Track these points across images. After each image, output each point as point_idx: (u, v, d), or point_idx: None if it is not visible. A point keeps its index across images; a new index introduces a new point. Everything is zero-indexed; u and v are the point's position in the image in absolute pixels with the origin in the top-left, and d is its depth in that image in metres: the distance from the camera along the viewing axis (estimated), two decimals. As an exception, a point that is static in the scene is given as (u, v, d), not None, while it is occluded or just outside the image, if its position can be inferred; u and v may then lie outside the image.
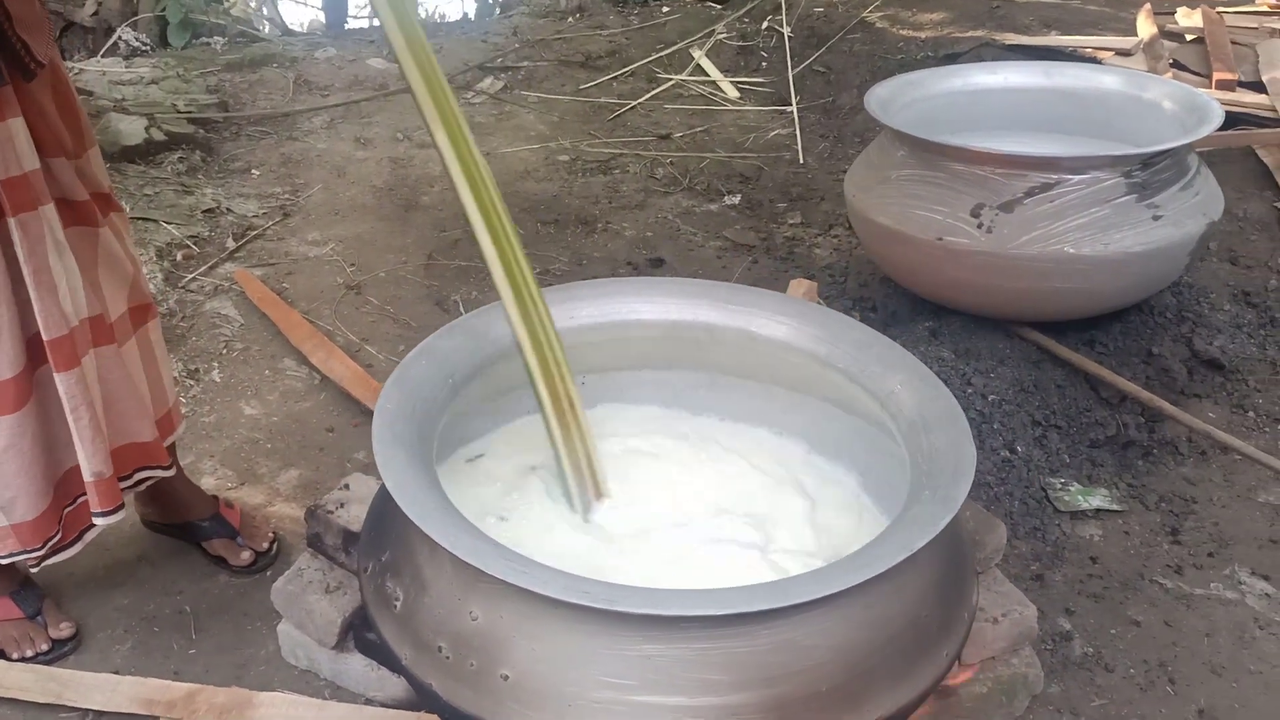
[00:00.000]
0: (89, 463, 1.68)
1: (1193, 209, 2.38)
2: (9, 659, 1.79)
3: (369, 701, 1.72)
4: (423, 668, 1.25)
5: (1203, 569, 2.10)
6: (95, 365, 1.68)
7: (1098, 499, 2.26)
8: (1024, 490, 2.23)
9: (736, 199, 3.61)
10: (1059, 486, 2.27)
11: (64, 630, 1.83)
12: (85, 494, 1.73)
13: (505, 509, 1.56)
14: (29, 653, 1.80)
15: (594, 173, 3.78)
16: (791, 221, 3.45)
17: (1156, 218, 2.33)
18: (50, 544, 1.73)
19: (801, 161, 3.85)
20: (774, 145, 3.99)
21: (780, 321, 1.65)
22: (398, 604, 1.29)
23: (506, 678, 1.18)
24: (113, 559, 2.03)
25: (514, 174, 3.74)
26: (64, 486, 1.75)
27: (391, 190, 3.60)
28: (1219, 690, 1.84)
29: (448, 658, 1.22)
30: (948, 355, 2.45)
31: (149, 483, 1.86)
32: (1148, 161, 2.33)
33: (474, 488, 1.60)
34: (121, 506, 1.76)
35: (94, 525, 1.76)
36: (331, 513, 1.75)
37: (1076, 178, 2.31)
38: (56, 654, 1.80)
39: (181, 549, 2.05)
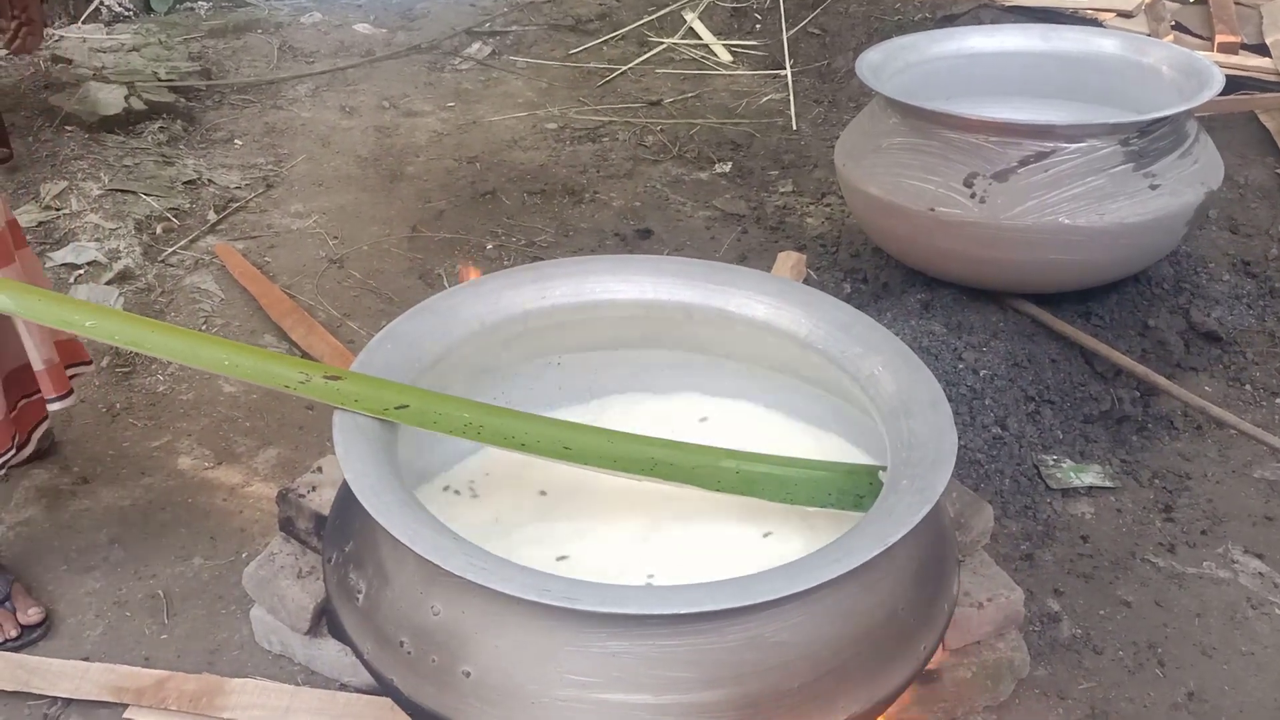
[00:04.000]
0: (38, 352, 1.82)
1: (1191, 177, 2.32)
2: None
3: (343, 687, 1.70)
4: (384, 662, 1.21)
5: (1195, 547, 2.07)
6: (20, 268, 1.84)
7: (1090, 476, 2.21)
8: (1015, 468, 2.19)
9: (727, 167, 3.54)
10: (1051, 463, 2.23)
11: (33, 616, 1.80)
12: (32, 393, 1.89)
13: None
14: (13, 635, 1.77)
15: (582, 141, 3.71)
16: (783, 190, 3.38)
17: (1154, 187, 2.27)
18: (7, 456, 1.82)
19: (795, 127, 3.78)
20: (767, 111, 3.92)
21: (760, 301, 1.59)
22: (360, 597, 1.25)
23: (469, 674, 1.14)
24: (85, 542, 2.00)
25: (501, 143, 3.67)
26: (12, 390, 1.86)
27: (376, 160, 3.54)
28: (1209, 672, 1.81)
29: (409, 653, 1.19)
30: (939, 329, 2.41)
31: (80, 377, 2.03)
32: (1145, 129, 2.27)
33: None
34: (71, 392, 1.92)
35: (45, 420, 1.95)
36: (303, 496, 1.71)
37: (1072, 146, 2.25)
38: (26, 640, 1.78)
39: (156, 531, 2.02)
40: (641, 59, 4.32)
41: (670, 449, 1.41)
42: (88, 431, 2.28)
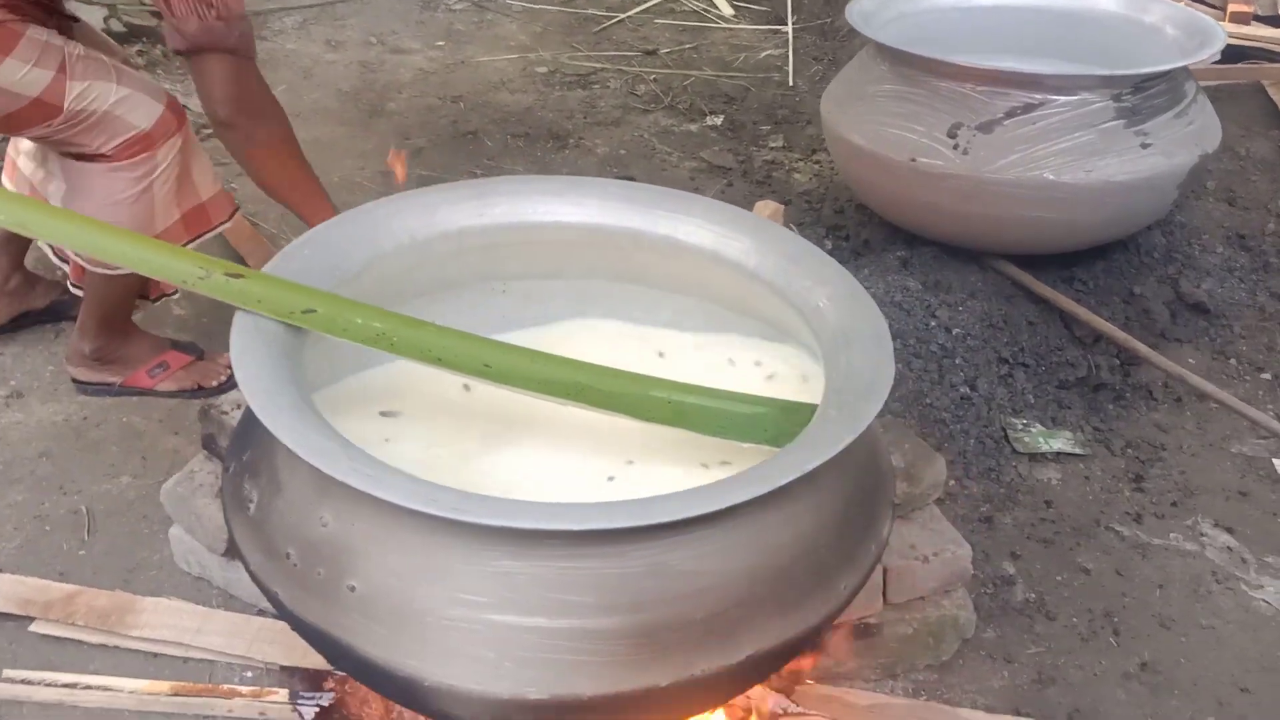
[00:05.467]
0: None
1: (1185, 138, 2.23)
2: (210, 387, 2.11)
3: (261, 613, 1.64)
4: (270, 574, 1.15)
5: (1164, 518, 1.99)
6: None
7: (1060, 442, 2.14)
8: (981, 429, 2.12)
9: (719, 120, 3.45)
10: (1020, 427, 2.15)
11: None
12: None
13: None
14: (222, 378, 2.11)
15: (572, 86, 3.61)
16: (773, 145, 3.29)
17: (1145, 145, 2.18)
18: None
19: (791, 84, 3.68)
20: (764, 66, 3.82)
21: (709, 229, 1.51)
22: (251, 506, 1.19)
23: (354, 589, 1.08)
24: (12, 455, 1.94)
25: (488, 84, 3.58)
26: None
27: (357, 95, 3.45)
28: (1165, 644, 1.74)
29: (295, 565, 1.12)
30: (914, 285, 2.32)
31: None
32: (1140, 85, 2.18)
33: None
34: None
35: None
36: (226, 413, 1.65)
37: (1062, 98, 2.16)
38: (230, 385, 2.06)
39: (87, 447, 1.96)
40: (641, 8, 4.22)
41: (597, 374, 1.34)
42: (29, 346, 2.21)
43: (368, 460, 1.06)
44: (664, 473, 1.35)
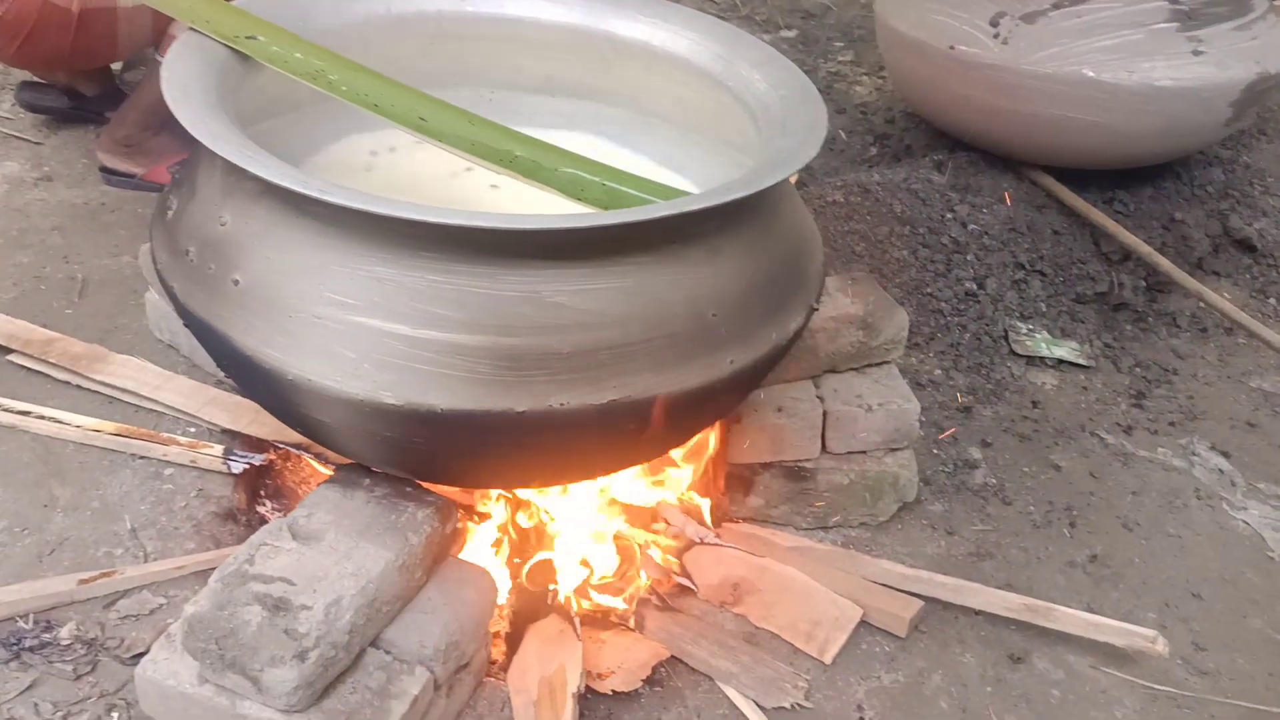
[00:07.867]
0: None
1: (1243, 52, 2.10)
2: None
3: (218, 384, 1.68)
4: (170, 271, 1.18)
5: (1157, 434, 1.89)
6: None
7: (1064, 350, 2.05)
8: (981, 327, 2.04)
9: (793, 33, 3.39)
10: (1024, 331, 2.07)
11: None
12: None
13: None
14: None
15: (651, -13, 3.59)
16: (841, 59, 3.22)
17: (1197, 53, 2.06)
18: None
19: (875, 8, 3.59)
20: (851, -10, 3.73)
21: (683, 36, 1.49)
22: (170, 213, 1.22)
23: (237, 282, 1.10)
24: (29, 225, 2.03)
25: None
26: None
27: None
28: (1123, 543, 1.65)
29: (193, 261, 1.15)
30: (938, 180, 2.25)
31: None
32: (1202, -11, 2.05)
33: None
34: None
35: None
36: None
37: (1114, -6, 2.05)
38: None
39: (98, 229, 2.04)
40: (736, -75, 4.16)
41: (535, 147, 1.33)
42: (70, 141, 2.31)
43: (256, 149, 1.08)
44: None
